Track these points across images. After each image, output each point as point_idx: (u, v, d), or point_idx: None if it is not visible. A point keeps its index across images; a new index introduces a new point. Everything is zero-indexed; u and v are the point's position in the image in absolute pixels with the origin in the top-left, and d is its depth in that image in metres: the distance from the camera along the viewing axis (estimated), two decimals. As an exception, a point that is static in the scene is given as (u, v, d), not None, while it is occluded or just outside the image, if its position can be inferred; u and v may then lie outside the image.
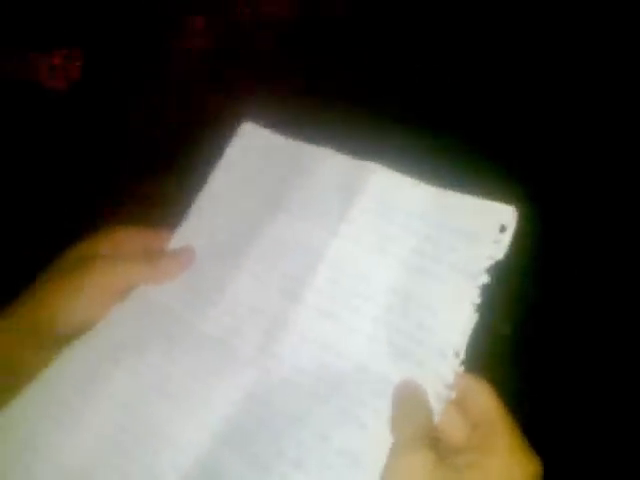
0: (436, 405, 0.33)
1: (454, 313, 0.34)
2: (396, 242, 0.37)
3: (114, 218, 0.43)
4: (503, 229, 0.34)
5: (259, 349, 0.37)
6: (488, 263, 0.34)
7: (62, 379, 0.37)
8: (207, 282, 0.40)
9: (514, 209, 0.34)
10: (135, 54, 1.00)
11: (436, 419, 0.33)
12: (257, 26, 1.00)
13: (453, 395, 0.33)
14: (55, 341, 0.38)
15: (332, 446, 0.32)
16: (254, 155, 0.43)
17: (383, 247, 0.37)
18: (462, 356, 0.33)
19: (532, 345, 0.86)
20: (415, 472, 0.30)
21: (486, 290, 0.33)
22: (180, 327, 0.39)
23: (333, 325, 0.36)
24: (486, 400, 0.33)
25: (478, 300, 0.33)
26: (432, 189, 0.37)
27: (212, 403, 0.35)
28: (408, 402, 0.33)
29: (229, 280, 0.39)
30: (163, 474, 0.33)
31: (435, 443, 0.32)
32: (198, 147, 0.44)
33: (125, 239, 0.41)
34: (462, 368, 0.33)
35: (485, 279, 0.33)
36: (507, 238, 0.34)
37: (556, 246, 0.83)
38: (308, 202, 0.40)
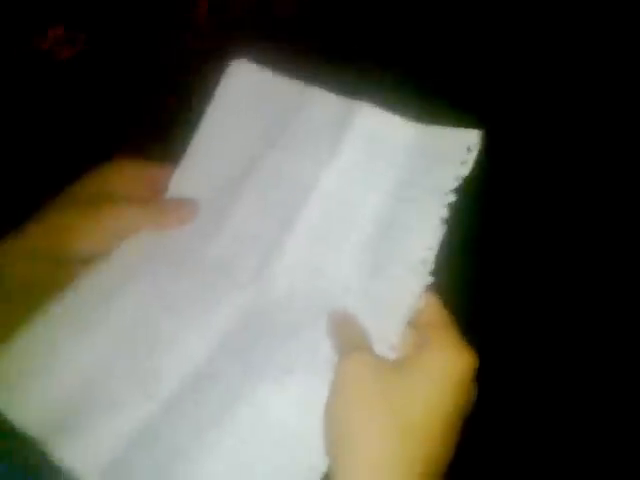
0: (404, 313, 0.35)
1: (425, 229, 0.37)
2: (381, 174, 0.40)
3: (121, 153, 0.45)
4: (469, 150, 0.37)
5: (256, 271, 0.40)
6: (456, 182, 0.37)
7: (81, 297, 0.40)
8: (208, 212, 0.43)
9: (479, 132, 0.37)
10: (139, 30, 1.03)
11: (403, 325, 0.35)
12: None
13: (422, 303, 0.35)
14: (69, 263, 0.41)
15: (320, 356, 0.36)
16: (246, 92, 0.45)
17: (369, 178, 0.40)
18: (431, 266, 0.36)
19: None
20: (354, 373, 0.33)
21: (452, 206, 0.36)
22: (186, 251, 0.42)
23: (322, 250, 0.40)
24: (428, 305, 0.35)
25: (446, 215, 0.36)
26: (412, 124, 0.40)
27: (212, 318, 0.39)
28: (342, 322, 0.37)
29: (228, 210, 0.43)
30: (165, 376, 0.37)
31: (373, 351, 0.34)
32: (198, 92, 0.46)
33: (132, 174, 0.44)
34: (431, 278, 0.36)
35: (452, 197, 0.37)
36: (472, 158, 0.37)
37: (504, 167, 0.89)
38: (300, 137, 0.42)
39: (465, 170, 0.37)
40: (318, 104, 0.43)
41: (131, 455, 0.35)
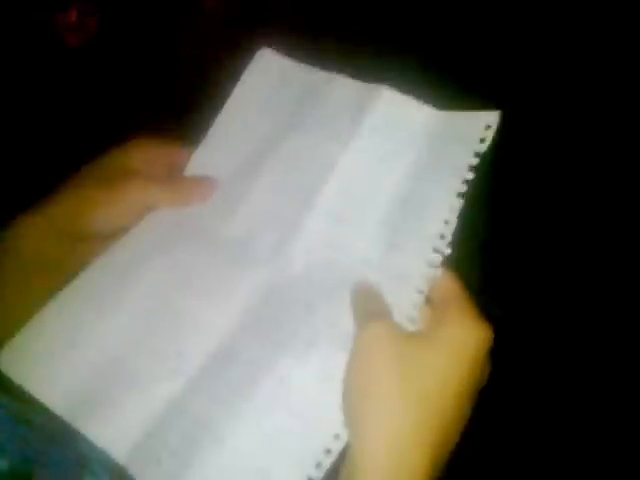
0: (422, 285, 0.36)
1: (443, 204, 0.37)
2: (399, 155, 0.41)
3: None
4: (488, 128, 0.38)
5: (274, 249, 0.41)
6: (474, 159, 0.37)
7: (102, 275, 0.41)
8: (228, 191, 0.44)
9: (497, 113, 0.38)
10: (151, 13, 1.04)
11: (422, 297, 0.36)
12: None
13: (439, 273, 0.36)
14: (89, 239, 0.42)
15: (339, 329, 0.36)
16: (270, 78, 0.46)
17: (387, 159, 0.41)
18: (448, 240, 0.37)
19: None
20: (374, 340, 0.33)
21: (470, 183, 0.37)
22: (205, 230, 0.43)
23: (341, 227, 0.40)
24: (445, 281, 0.36)
25: (463, 190, 0.37)
26: (430, 108, 0.41)
27: (232, 294, 0.40)
28: (363, 293, 0.37)
29: (248, 190, 0.43)
30: (189, 353, 0.38)
31: (392, 321, 0.35)
32: (217, 83, 0.47)
33: (153, 153, 0.44)
34: (449, 251, 0.37)
35: (470, 174, 0.37)
36: (490, 135, 0.38)
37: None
38: (321, 120, 0.43)
39: (483, 147, 0.37)
40: (338, 88, 0.43)
41: (158, 431, 0.36)
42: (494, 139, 0.37)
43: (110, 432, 0.36)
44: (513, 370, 0.82)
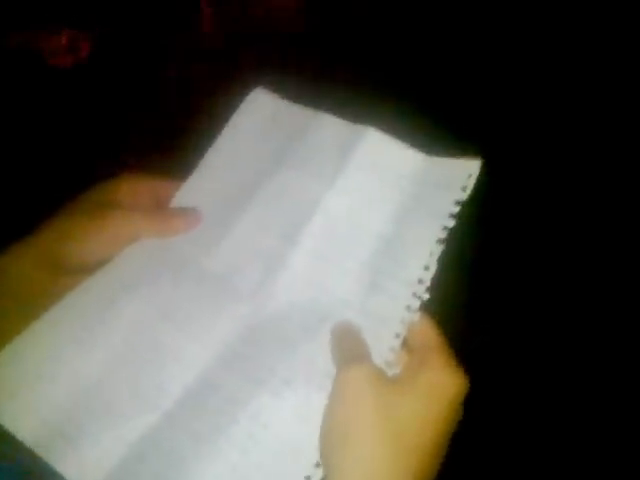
0: (400, 329, 0.37)
1: (423, 249, 0.38)
2: (383, 196, 0.42)
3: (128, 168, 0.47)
4: (470, 176, 0.39)
5: (257, 285, 0.41)
6: (456, 207, 0.38)
7: (82, 304, 0.41)
8: (213, 226, 0.44)
9: (479, 161, 0.39)
10: (144, 39, 1.05)
11: (400, 341, 0.36)
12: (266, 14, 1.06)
13: (416, 318, 0.37)
14: (72, 271, 0.42)
15: (316, 368, 0.37)
16: (261, 117, 0.47)
17: (372, 200, 0.42)
18: (427, 285, 0.37)
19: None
20: (354, 382, 0.34)
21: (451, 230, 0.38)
22: (187, 263, 0.43)
23: (324, 266, 0.41)
24: (423, 327, 0.37)
25: (444, 237, 0.38)
26: (415, 152, 0.42)
27: (213, 329, 0.40)
28: (343, 334, 0.38)
29: (233, 224, 0.44)
30: (167, 386, 0.38)
31: (372, 364, 0.35)
32: (207, 117, 0.48)
33: (139, 187, 0.45)
34: (427, 295, 0.37)
35: (451, 222, 0.38)
36: (472, 182, 0.39)
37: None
38: (308, 158, 0.44)
39: (464, 195, 0.38)
40: (327, 128, 0.44)
41: (130, 465, 0.35)
42: (476, 187, 0.38)
43: (81, 466, 0.35)
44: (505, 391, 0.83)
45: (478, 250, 0.91)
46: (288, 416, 0.36)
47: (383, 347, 0.36)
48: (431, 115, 0.92)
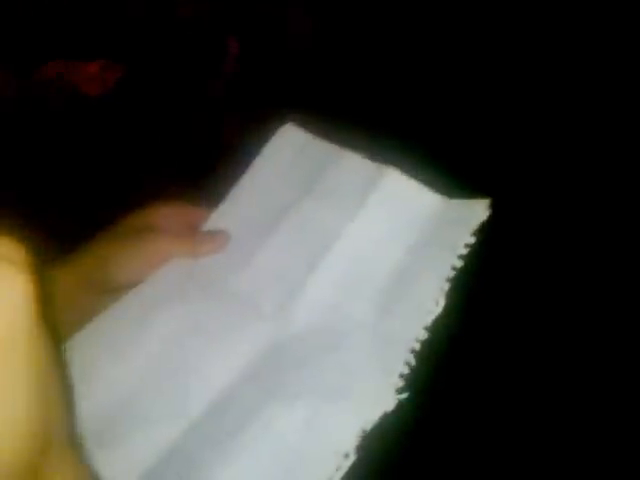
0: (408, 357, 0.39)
1: (433, 285, 0.41)
2: (400, 232, 0.45)
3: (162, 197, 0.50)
4: (478, 219, 0.42)
5: (279, 307, 0.44)
6: (464, 248, 0.42)
7: (118, 319, 0.44)
8: (240, 249, 0.47)
9: (487, 202, 0.43)
10: (174, 71, 1.10)
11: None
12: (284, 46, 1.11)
13: (417, 347, 0.39)
14: (112, 290, 0.45)
15: (328, 384, 0.40)
16: (290, 151, 0.50)
17: (389, 234, 0.45)
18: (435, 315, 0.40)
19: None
20: None
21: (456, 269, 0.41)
22: (215, 284, 0.46)
23: (341, 292, 0.44)
24: None
25: (451, 275, 0.41)
26: (431, 192, 0.46)
27: (237, 346, 0.43)
28: None
29: (259, 249, 0.47)
30: (194, 397, 0.41)
31: None
32: (237, 151, 0.52)
33: (174, 213, 0.49)
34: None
35: (459, 262, 0.41)
36: (479, 225, 0.42)
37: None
38: (332, 192, 0.47)
39: (472, 239, 0.42)
40: (351, 165, 0.48)
41: (160, 469, 0.38)
42: (483, 229, 0.42)
43: (117, 469, 0.38)
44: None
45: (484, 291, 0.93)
46: (296, 426, 0.38)
47: (389, 368, 0.39)
48: (445, 158, 0.96)
